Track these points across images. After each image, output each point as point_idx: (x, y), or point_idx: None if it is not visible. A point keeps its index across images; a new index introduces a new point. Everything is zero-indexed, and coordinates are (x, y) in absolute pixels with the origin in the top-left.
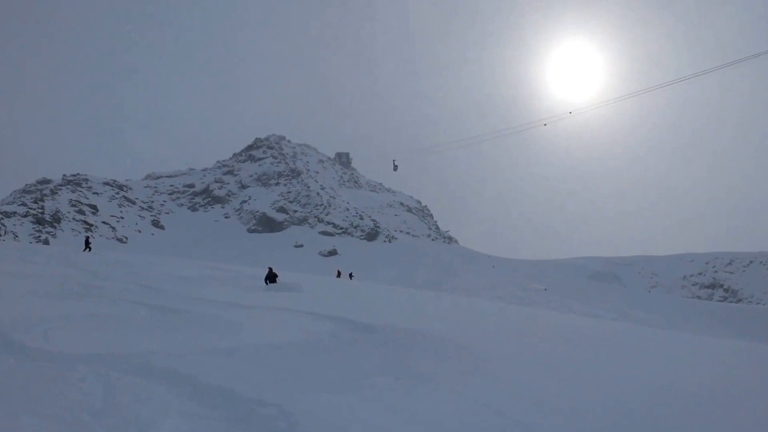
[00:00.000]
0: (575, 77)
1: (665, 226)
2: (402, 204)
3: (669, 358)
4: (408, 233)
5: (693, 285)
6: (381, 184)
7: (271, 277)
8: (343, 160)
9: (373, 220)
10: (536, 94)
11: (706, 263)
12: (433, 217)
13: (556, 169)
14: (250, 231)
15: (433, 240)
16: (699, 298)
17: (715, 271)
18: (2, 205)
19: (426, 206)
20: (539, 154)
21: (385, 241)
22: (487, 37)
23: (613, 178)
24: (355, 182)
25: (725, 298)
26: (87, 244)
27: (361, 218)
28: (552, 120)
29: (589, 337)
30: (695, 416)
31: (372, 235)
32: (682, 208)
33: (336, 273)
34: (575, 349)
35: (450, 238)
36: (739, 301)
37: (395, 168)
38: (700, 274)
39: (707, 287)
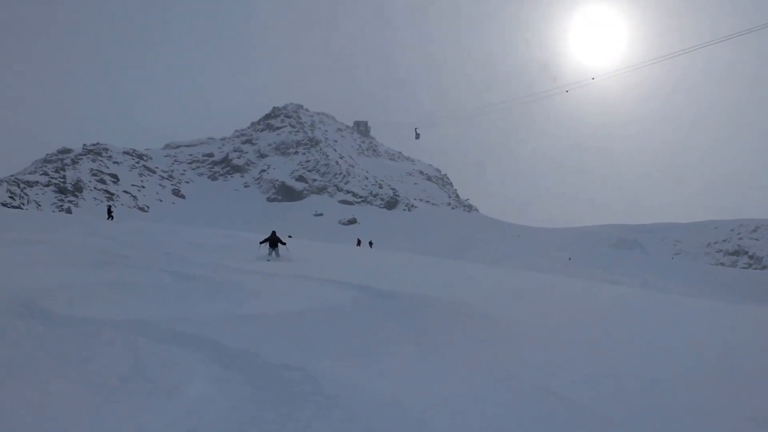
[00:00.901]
0: (598, 43)
1: (689, 193)
2: (421, 172)
3: (695, 326)
4: (428, 202)
5: (717, 252)
6: (400, 152)
7: (273, 242)
8: (361, 128)
9: (393, 189)
10: (558, 60)
11: (731, 230)
12: (452, 186)
13: (579, 136)
14: (269, 200)
15: (453, 209)
16: (723, 265)
17: (740, 238)
18: (24, 174)
19: (446, 174)
20: (561, 120)
21: (404, 210)
22: (507, 1)
23: (637, 145)
24: (374, 151)
25: (750, 265)
26: (109, 212)
27: (380, 187)
28: (574, 87)
29: (610, 304)
30: (730, 382)
31: (391, 204)
32: (705, 175)
33: (356, 242)
34: (596, 316)
35: (470, 207)
36: (765, 267)
37: (417, 136)
38: (724, 241)
39: (732, 254)
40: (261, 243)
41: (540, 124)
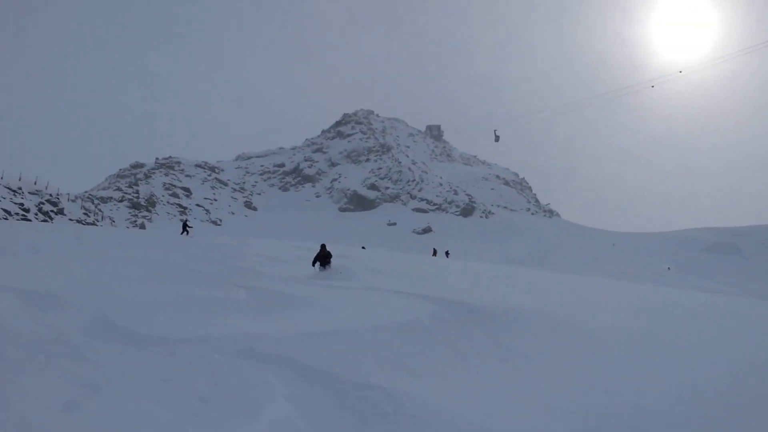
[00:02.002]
0: (685, 33)
1: None
2: (498, 177)
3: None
4: (506, 207)
5: None
6: (475, 156)
7: (322, 258)
8: (434, 132)
9: (468, 195)
10: (642, 53)
11: None
12: (531, 190)
13: (666, 134)
14: (341, 210)
15: (532, 214)
16: None
17: None
18: (98, 190)
19: (524, 178)
20: (647, 118)
21: (481, 217)
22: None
23: (730, 142)
24: (448, 155)
25: None
26: (185, 227)
27: (456, 193)
28: (660, 82)
29: (704, 313)
30: None
31: (467, 211)
32: None
33: (432, 251)
34: (689, 326)
35: (551, 212)
36: None
37: (497, 138)
38: None
39: None
40: (314, 263)
41: (624, 122)
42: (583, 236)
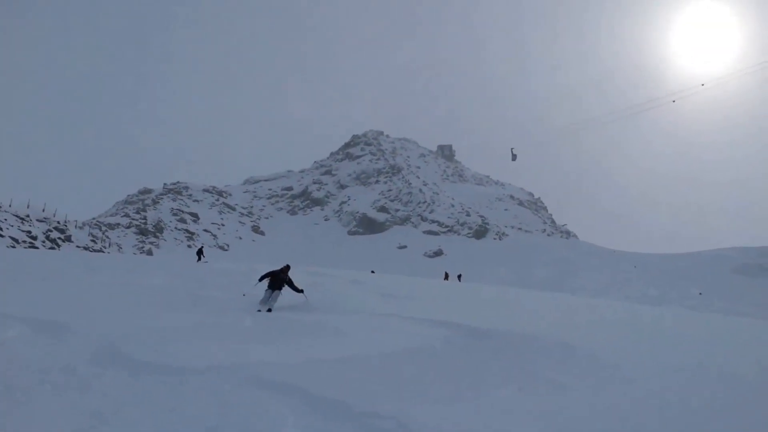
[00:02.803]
0: (707, 45)
1: None
2: (512, 197)
3: None
4: (520, 229)
5: None
6: (488, 176)
7: (277, 281)
8: (446, 152)
9: (481, 216)
10: (662, 66)
11: None
12: (547, 210)
13: (689, 150)
14: (350, 233)
15: (548, 235)
16: None
17: None
18: (106, 216)
19: (539, 198)
20: (669, 133)
21: (495, 239)
22: (601, 3)
23: (756, 156)
24: (460, 176)
25: None
26: (200, 254)
27: (468, 214)
28: (682, 96)
29: (733, 339)
30: None
31: (480, 233)
32: None
33: (444, 275)
34: (715, 352)
35: (568, 233)
36: None
37: (514, 158)
38: None
39: None
40: (261, 279)
41: (645, 138)
42: (603, 258)
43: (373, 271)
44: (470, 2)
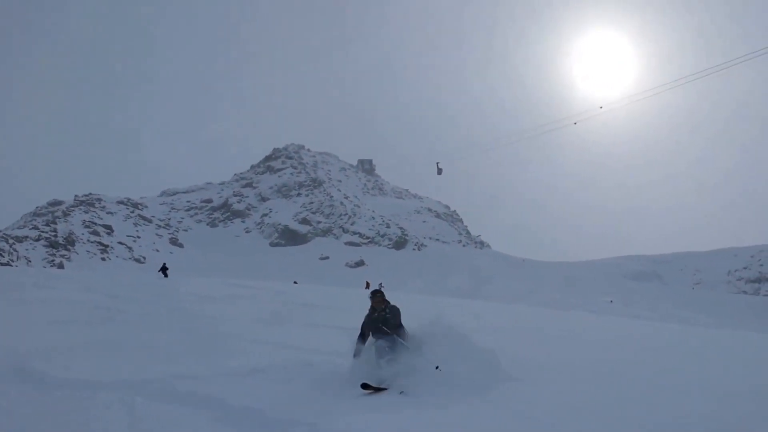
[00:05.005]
0: (605, 71)
1: (706, 221)
2: (430, 210)
3: (721, 359)
4: (438, 240)
5: (738, 280)
6: (407, 189)
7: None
8: (366, 166)
9: (401, 228)
10: (565, 90)
11: (751, 256)
12: (463, 222)
13: (590, 167)
14: (272, 245)
15: (464, 246)
16: (745, 293)
17: (761, 265)
18: (13, 229)
19: (455, 211)
20: (572, 152)
21: (414, 249)
22: (507, 32)
23: (649, 174)
24: (380, 189)
25: None
26: (164, 270)
27: (388, 226)
28: (582, 119)
29: (634, 340)
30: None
31: (400, 244)
32: (723, 201)
33: (365, 284)
34: (620, 353)
35: (482, 243)
36: None
37: (439, 171)
38: (745, 268)
39: (753, 281)
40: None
41: (550, 157)
42: (514, 267)
43: (295, 282)
44: (387, 18)
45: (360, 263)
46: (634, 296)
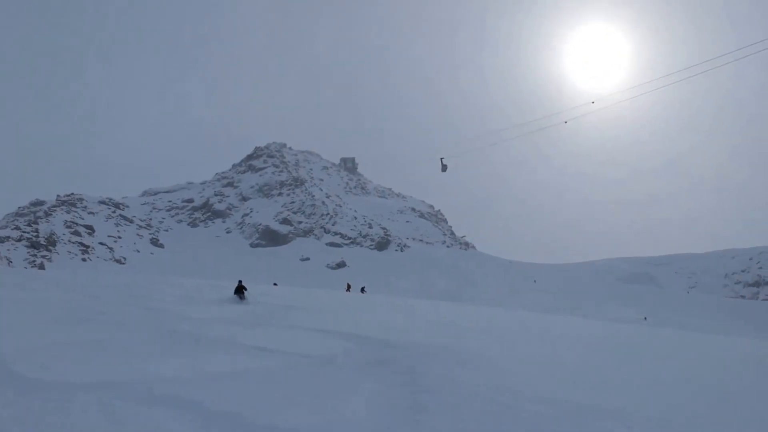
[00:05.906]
0: (598, 65)
1: (704, 222)
2: (413, 209)
3: (716, 367)
4: (421, 240)
5: (736, 284)
6: (390, 189)
7: (239, 290)
8: (348, 165)
9: (384, 228)
10: (556, 85)
11: (750, 259)
12: (447, 222)
13: (582, 165)
14: (253, 245)
15: (448, 247)
16: (743, 297)
17: (760, 268)
18: None
19: (439, 211)
20: (563, 150)
21: (397, 250)
22: (498, 30)
23: (644, 173)
24: (363, 188)
25: None
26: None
27: (370, 227)
28: (573, 117)
29: (620, 345)
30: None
31: (383, 245)
32: (722, 202)
33: (346, 287)
34: (602, 356)
35: (467, 244)
36: None
37: (444, 168)
38: (743, 271)
39: (752, 285)
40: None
41: (540, 155)
42: (500, 268)
43: (275, 284)
44: (370, 16)
45: (341, 264)
46: (626, 299)
